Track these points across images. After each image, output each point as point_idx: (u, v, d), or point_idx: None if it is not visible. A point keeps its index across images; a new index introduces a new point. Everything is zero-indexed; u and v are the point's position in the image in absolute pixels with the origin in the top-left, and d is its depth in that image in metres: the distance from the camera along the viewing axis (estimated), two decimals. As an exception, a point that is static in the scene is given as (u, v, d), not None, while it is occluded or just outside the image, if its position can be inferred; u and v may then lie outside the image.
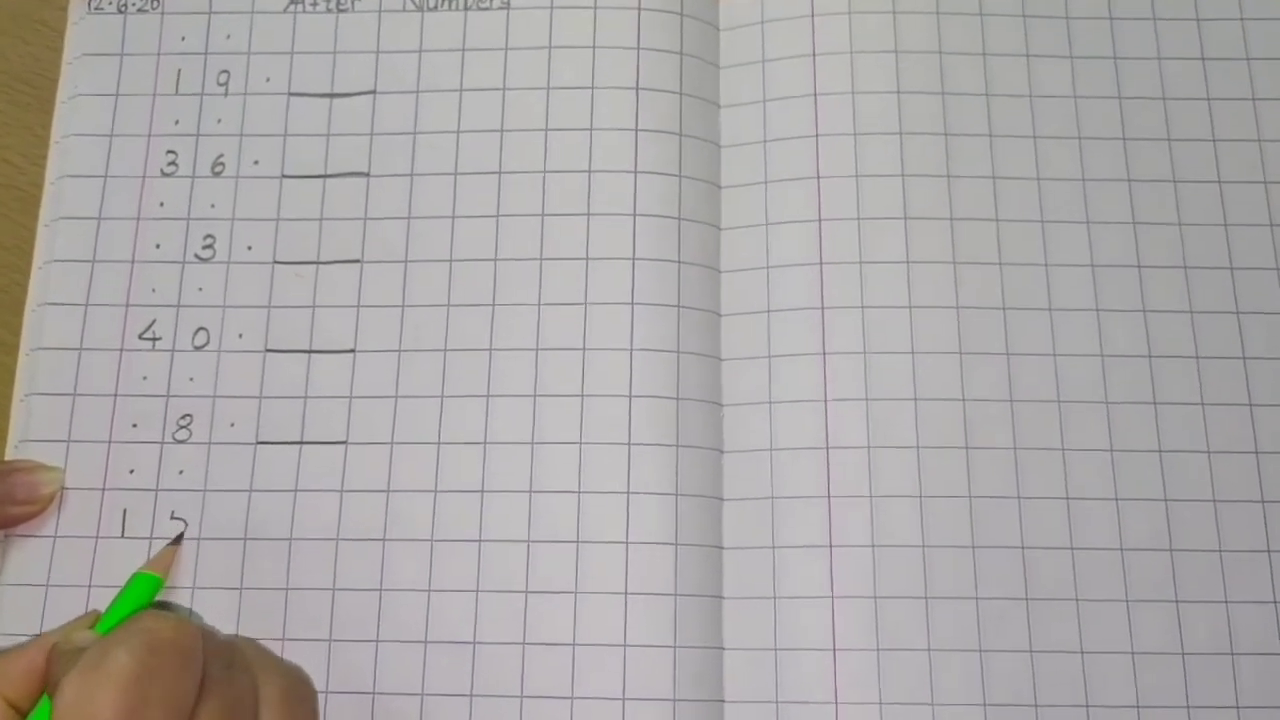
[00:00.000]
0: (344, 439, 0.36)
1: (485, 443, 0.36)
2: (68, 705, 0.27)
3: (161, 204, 0.38)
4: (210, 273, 0.38)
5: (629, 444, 0.35)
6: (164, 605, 0.35)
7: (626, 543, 0.35)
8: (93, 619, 0.32)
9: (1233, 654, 0.34)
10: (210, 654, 0.29)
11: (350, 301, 0.37)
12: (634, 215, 0.37)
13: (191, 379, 0.37)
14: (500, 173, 0.38)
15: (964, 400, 0.36)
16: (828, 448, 0.35)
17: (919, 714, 0.34)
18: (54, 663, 0.29)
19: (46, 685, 0.29)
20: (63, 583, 0.35)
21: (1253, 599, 0.34)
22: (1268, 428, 0.36)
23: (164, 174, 0.38)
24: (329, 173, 0.38)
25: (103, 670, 0.27)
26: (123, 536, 0.35)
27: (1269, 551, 0.35)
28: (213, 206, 0.38)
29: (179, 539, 0.35)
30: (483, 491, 0.35)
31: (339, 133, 0.38)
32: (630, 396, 0.36)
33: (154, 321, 0.37)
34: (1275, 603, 0.34)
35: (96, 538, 0.35)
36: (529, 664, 0.34)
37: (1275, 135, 0.38)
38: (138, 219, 0.38)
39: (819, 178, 0.37)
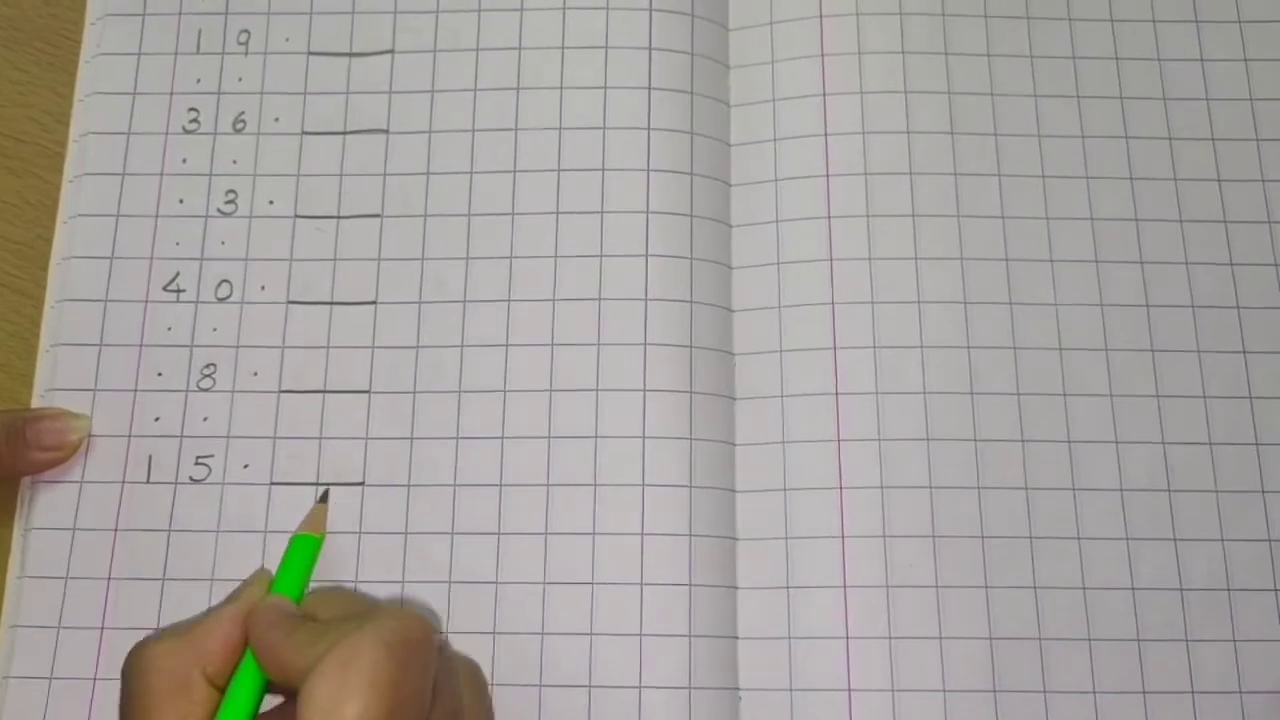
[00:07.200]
0: (367, 388, 0.37)
1: (504, 390, 0.37)
2: (321, 708, 0.25)
3: (184, 160, 0.39)
4: (232, 227, 0.38)
5: (644, 390, 0.36)
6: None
7: (643, 485, 0.36)
8: (266, 579, 0.31)
9: (1229, 590, 0.35)
10: None
11: (371, 255, 0.38)
12: (647, 171, 0.38)
13: (215, 329, 0.37)
14: (516, 130, 0.39)
15: (969, 348, 0.37)
16: (837, 394, 0.37)
17: (927, 647, 0.35)
18: (263, 631, 0.28)
19: (253, 650, 0.28)
20: (89, 526, 0.36)
21: (1247, 537, 0.36)
22: (1261, 374, 0.37)
23: (186, 131, 0.39)
24: (348, 129, 0.39)
25: (356, 670, 0.26)
26: (148, 482, 0.36)
27: (1263, 492, 0.36)
28: (234, 163, 0.39)
29: (325, 497, 0.34)
30: (503, 438, 0.36)
31: (358, 90, 0.39)
32: (645, 345, 0.37)
33: (178, 274, 0.38)
34: (1269, 541, 0.36)
35: (123, 483, 0.36)
36: (549, 601, 0.35)
37: (1270, 94, 0.39)
38: (161, 174, 0.39)
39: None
